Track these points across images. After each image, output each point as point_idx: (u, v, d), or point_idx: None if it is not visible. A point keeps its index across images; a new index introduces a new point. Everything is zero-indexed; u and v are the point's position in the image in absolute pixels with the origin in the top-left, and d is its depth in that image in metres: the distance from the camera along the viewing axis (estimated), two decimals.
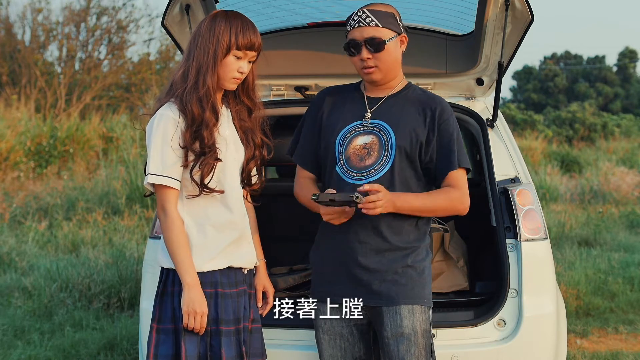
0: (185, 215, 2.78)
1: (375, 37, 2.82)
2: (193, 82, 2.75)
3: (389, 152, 2.86)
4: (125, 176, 10.26)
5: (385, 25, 2.83)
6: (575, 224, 9.79)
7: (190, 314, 2.71)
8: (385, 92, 2.96)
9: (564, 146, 20.09)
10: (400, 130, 2.87)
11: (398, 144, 2.85)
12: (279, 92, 4.02)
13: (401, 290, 2.83)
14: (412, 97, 2.94)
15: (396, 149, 2.85)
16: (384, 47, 2.83)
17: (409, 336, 2.81)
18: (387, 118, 2.90)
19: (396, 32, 2.86)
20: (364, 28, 2.83)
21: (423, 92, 2.98)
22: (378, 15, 2.83)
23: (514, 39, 3.58)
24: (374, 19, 2.82)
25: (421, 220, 2.91)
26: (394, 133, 2.87)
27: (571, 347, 5.24)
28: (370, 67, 2.87)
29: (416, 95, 2.95)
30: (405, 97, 2.94)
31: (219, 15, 2.79)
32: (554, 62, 41.09)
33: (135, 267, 6.39)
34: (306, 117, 3.08)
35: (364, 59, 2.85)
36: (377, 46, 2.83)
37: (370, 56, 2.85)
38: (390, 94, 2.95)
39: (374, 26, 2.82)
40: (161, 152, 2.72)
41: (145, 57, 18.42)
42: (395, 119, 2.89)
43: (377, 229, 2.84)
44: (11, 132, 12.18)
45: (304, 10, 3.90)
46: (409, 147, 2.86)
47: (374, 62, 2.86)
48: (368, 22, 2.83)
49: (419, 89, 2.99)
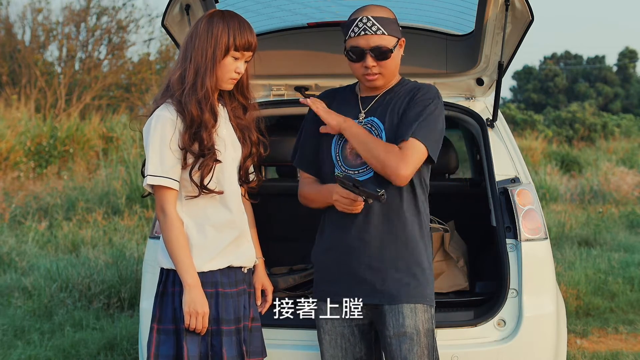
0: (184, 216, 2.78)
1: (382, 46, 2.81)
2: (191, 84, 2.74)
3: None
4: (125, 176, 10.26)
5: (390, 33, 2.82)
6: (575, 224, 9.79)
7: (192, 315, 2.71)
8: (380, 90, 2.96)
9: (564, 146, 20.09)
10: (388, 123, 2.87)
11: (387, 136, 2.85)
12: (279, 92, 4.02)
13: (403, 289, 2.83)
14: (403, 90, 2.94)
15: (386, 140, 2.84)
16: (390, 56, 2.83)
17: (411, 335, 2.81)
18: (377, 114, 2.91)
19: (398, 37, 2.86)
20: (370, 36, 2.81)
21: (414, 83, 2.98)
22: (384, 23, 2.81)
23: (514, 39, 3.58)
24: (380, 27, 2.80)
25: (423, 219, 2.91)
26: (382, 124, 2.87)
27: (571, 347, 5.24)
28: (375, 74, 2.86)
29: (406, 87, 2.95)
30: (396, 92, 2.94)
31: (216, 16, 2.78)
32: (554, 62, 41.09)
33: (135, 267, 6.39)
34: (305, 121, 3.08)
35: (369, 66, 2.84)
36: (384, 55, 2.82)
37: (375, 64, 2.83)
38: (382, 92, 2.95)
39: (380, 34, 2.80)
40: (159, 153, 2.72)
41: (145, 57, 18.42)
42: (384, 114, 2.89)
43: (379, 228, 2.84)
44: (11, 132, 12.19)
45: (304, 10, 3.90)
46: (393, 128, 2.85)
47: (378, 69, 2.85)
48: (374, 31, 2.80)
49: (411, 82, 2.99)
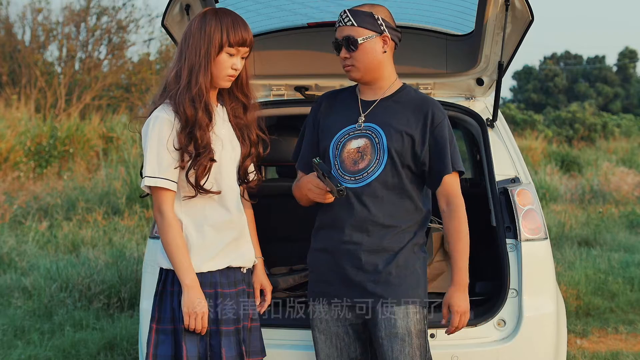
0: (183, 217, 2.78)
1: (350, 36, 2.87)
2: (186, 82, 2.74)
3: (381, 154, 2.87)
4: (125, 176, 10.26)
5: (361, 25, 2.86)
6: (575, 224, 9.79)
7: (191, 315, 2.71)
8: (378, 94, 2.96)
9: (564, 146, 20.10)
10: (391, 133, 2.88)
11: (389, 146, 2.86)
12: (279, 92, 4.02)
13: (394, 290, 2.84)
14: (406, 99, 2.94)
15: (387, 152, 2.86)
16: (358, 46, 2.86)
17: (402, 336, 2.82)
18: (379, 121, 2.91)
19: (375, 31, 2.88)
20: (342, 27, 2.89)
21: (416, 93, 2.99)
22: (355, 14, 2.87)
23: (514, 39, 3.58)
24: (350, 19, 2.87)
25: (414, 220, 2.91)
26: (385, 135, 2.87)
27: (571, 347, 5.24)
28: (348, 65, 2.92)
29: (409, 97, 2.95)
30: (398, 100, 2.95)
31: (209, 14, 2.78)
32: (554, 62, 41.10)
33: (135, 267, 6.39)
34: (306, 123, 3.10)
35: (342, 57, 2.91)
36: (352, 45, 2.87)
37: (347, 55, 2.89)
38: (383, 97, 2.96)
39: (350, 25, 2.87)
40: (157, 154, 2.72)
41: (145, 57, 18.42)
42: (387, 122, 2.90)
43: (369, 230, 2.85)
44: (11, 132, 12.19)
45: (304, 10, 3.90)
46: (400, 148, 2.86)
47: (350, 61, 2.90)
48: (345, 22, 2.88)
49: (412, 91, 2.99)
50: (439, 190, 2.91)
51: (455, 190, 2.90)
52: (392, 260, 2.85)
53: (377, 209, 2.85)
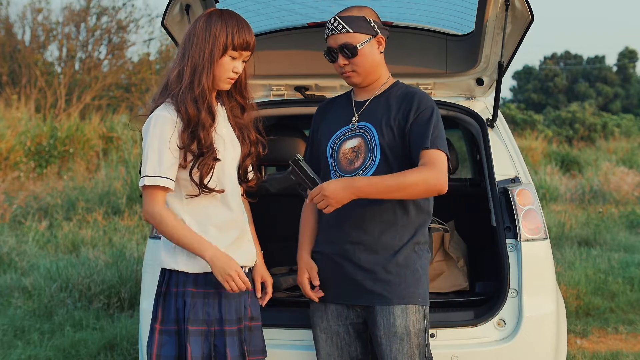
0: (186, 216, 2.77)
1: (348, 44, 2.86)
2: (188, 82, 2.74)
3: (374, 152, 2.88)
4: (125, 176, 10.26)
5: (357, 30, 2.86)
6: (575, 224, 9.79)
7: (228, 280, 2.69)
8: (371, 93, 2.98)
9: (564, 146, 20.11)
10: (382, 128, 2.89)
11: (381, 142, 2.87)
12: (279, 92, 4.02)
13: (394, 289, 2.84)
14: (395, 94, 2.95)
15: (380, 148, 2.87)
16: (358, 52, 2.87)
17: (401, 336, 2.82)
18: (370, 119, 2.93)
19: (370, 34, 2.88)
20: (337, 35, 2.88)
21: (406, 88, 2.99)
22: (349, 21, 2.87)
23: (514, 39, 3.58)
24: (345, 26, 2.86)
25: (413, 217, 2.91)
26: (377, 132, 2.89)
27: (571, 347, 5.24)
28: (348, 72, 2.91)
29: (400, 92, 2.96)
30: (388, 96, 2.96)
31: (214, 15, 2.78)
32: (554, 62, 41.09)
33: (135, 267, 6.39)
34: (311, 129, 3.13)
35: (341, 65, 2.91)
36: (351, 52, 2.87)
37: (346, 62, 2.90)
38: (375, 95, 2.97)
39: (345, 32, 2.87)
40: (158, 152, 2.71)
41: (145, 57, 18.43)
42: (378, 118, 2.91)
43: (369, 229, 2.86)
44: (11, 132, 12.19)
45: (304, 10, 3.90)
46: (392, 143, 2.87)
47: (351, 67, 2.90)
48: (340, 30, 2.87)
49: (403, 86, 3.00)
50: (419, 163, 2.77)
51: (436, 161, 2.75)
52: (392, 259, 2.85)
53: (374, 206, 2.85)
